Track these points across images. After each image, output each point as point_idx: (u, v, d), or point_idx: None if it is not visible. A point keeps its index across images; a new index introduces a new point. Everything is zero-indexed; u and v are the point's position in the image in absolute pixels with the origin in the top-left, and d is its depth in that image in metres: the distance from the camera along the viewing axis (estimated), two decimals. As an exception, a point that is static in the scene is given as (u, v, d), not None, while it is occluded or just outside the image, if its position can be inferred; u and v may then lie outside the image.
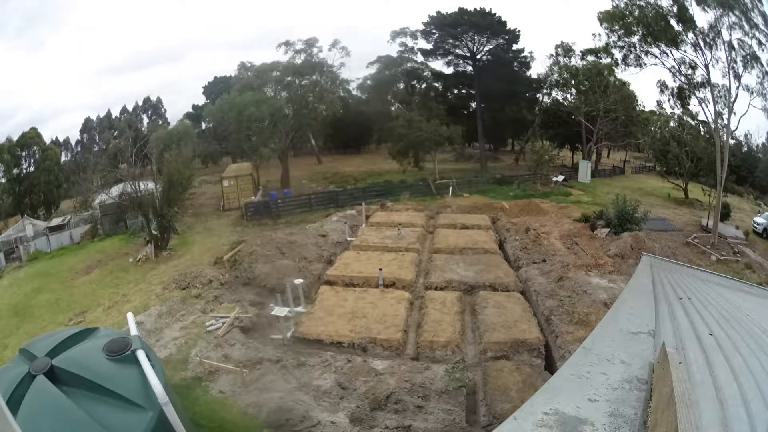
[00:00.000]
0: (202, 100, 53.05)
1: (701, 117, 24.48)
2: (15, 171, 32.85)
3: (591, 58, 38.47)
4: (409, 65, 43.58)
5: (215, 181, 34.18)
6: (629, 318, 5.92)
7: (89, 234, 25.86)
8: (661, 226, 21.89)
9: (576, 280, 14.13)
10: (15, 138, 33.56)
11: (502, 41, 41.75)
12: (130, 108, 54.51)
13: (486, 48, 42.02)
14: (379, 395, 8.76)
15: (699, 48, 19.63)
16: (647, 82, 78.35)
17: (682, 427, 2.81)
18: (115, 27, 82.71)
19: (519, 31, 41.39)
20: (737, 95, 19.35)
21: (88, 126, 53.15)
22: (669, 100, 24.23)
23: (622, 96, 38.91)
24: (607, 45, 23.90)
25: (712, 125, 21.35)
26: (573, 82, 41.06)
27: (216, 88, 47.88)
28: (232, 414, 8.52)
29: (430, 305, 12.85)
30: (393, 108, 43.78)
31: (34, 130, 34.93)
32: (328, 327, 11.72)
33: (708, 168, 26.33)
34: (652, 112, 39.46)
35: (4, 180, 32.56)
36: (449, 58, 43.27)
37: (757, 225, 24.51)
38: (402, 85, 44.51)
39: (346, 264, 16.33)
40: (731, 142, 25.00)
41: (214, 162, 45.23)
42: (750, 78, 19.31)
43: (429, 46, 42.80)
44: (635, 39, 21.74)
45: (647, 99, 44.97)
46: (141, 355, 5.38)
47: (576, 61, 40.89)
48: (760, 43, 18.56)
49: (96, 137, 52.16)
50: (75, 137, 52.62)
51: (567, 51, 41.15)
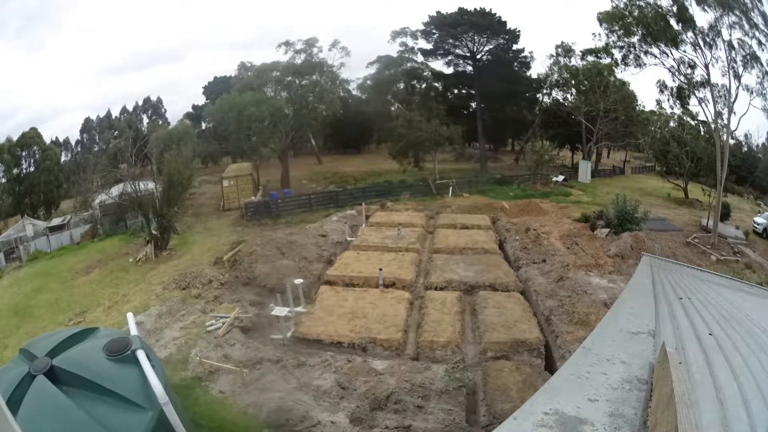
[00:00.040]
0: (202, 100, 53.17)
1: (701, 117, 24.50)
2: (15, 171, 32.86)
3: (591, 58, 38.47)
4: (409, 65, 43.59)
5: (215, 181, 34.18)
6: (629, 318, 5.92)
7: (89, 234, 25.86)
8: (661, 226, 21.89)
9: (576, 280, 14.14)
10: (15, 138, 33.62)
11: (502, 41, 41.76)
12: (130, 108, 54.59)
13: (486, 48, 42.06)
14: (379, 395, 8.76)
15: (699, 48, 19.64)
16: (647, 82, 78.36)
17: (682, 427, 2.81)
18: (115, 27, 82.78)
19: (519, 31, 41.51)
20: (737, 95, 19.38)
21: (88, 126, 53.16)
22: (669, 99, 24.23)
23: (622, 96, 38.90)
24: (607, 45, 23.90)
25: (712, 125, 21.36)
26: (573, 82, 41.07)
27: (216, 88, 47.89)
28: (232, 414, 8.52)
29: (430, 305, 12.85)
30: (393, 108, 43.78)
31: (34, 130, 34.95)
32: (328, 327, 11.72)
33: (708, 168, 26.34)
34: (652, 112, 39.44)
35: (4, 180, 32.57)
36: (449, 58, 43.31)
37: (757, 225, 24.51)
38: (402, 85, 44.52)
39: (346, 264, 16.33)
40: (731, 142, 24.99)
41: (214, 162, 45.23)
42: (750, 78, 19.34)
43: (429, 46, 42.90)
44: (635, 39, 21.75)
45: (647, 99, 44.99)
46: (141, 355, 5.38)
47: (576, 61, 40.97)
48: (760, 43, 18.57)
49: (96, 137, 52.17)
50: (75, 137, 52.78)
51: (567, 51, 41.18)
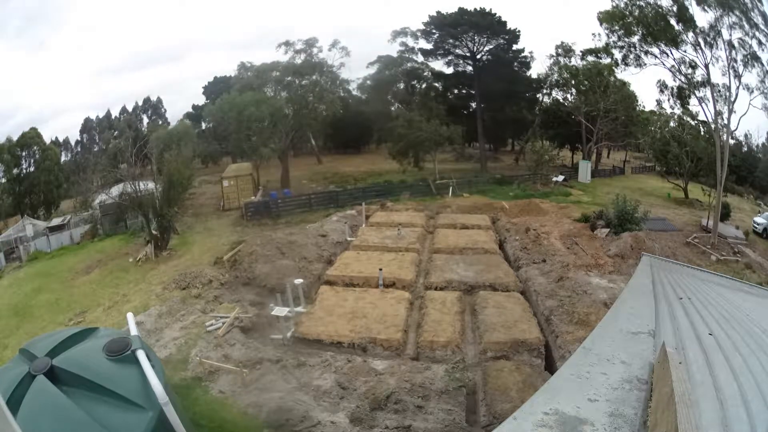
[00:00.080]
0: (202, 100, 53.19)
1: (701, 117, 24.49)
2: (15, 171, 32.87)
3: (591, 58, 38.47)
4: (409, 65, 43.57)
5: (215, 181, 34.18)
6: (629, 318, 5.92)
7: (89, 234, 25.86)
8: (661, 226, 21.89)
9: (576, 280, 14.14)
10: (15, 138, 33.63)
11: (502, 41, 41.75)
12: (130, 108, 54.61)
13: (486, 48, 42.04)
14: (379, 395, 8.76)
15: (699, 48, 19.65)
16: (647, 82, 78.34)
17: (682, 427, 2.81)
18: (115, 27, 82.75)
19: (519, 31, 41.49)
20: (737, 95, 19.39)
21: (88, 126, 53.18)
22: (669, 99, 24.25)
23: (622, 96, 38.90)
24: (607, 45, 23.90)
25: (712, 125, 21.36)
26: (573, 82, 41.06)
27: (216, 88, 47.90)
28: (232, 414, 8.52)
29: (430, 305, 12.85)
30: (393, 108, 43.77)
31: (34, 130, 34.96)
32: (328, 327, 11.72)
33: (708, 168, 26.34)
34: (652, 112, 39.43)
35: (4, 180, 32.58)
36: (449, 58, 43.29)
37: (757, 225, 24.51)
38: (402, 85, 44.51)
39: (346, 264, 16.33)
40: (731, 141, 25.00)
41: (214, 162, 45.24)
42: (750, 77, 19.36)
43: (429, 46, 42.88)
44: (635, 39, 21.75)
45: (647, 99, 45.01)
46: (141, 355, 5.38)
47: (576, 62, 40.96)
48: (760, 43, 18.57)
49: (96, 137, 52.18)
50: (75, 137, 52.80)
51: (567, 51, 41.17)
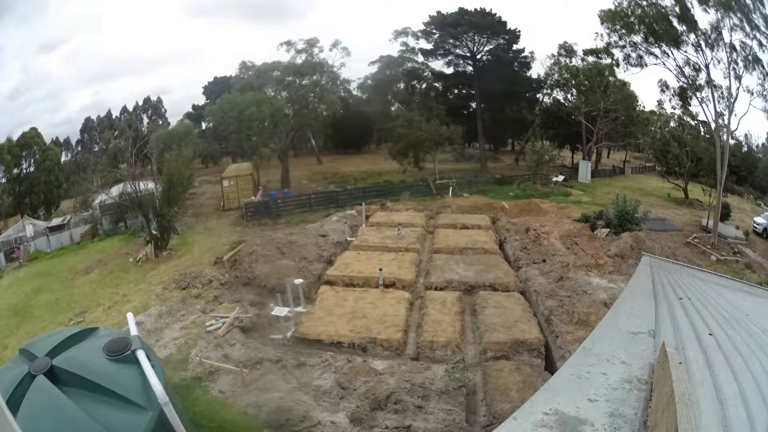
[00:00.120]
0: (202, 100, 53.21)
1: (701, 117, 24.52)
2: (15, 171, 32.88)
3: (591, 58, 38.53)
4: (410, 65, 43.58)
5: (215, 181, 34.20)
6: (629, 318, 5.91)
7: (89, 234, 25.86)
8: (661, 226, 21.89)
9: (576, 280, 14.13)
10: (15, 138, 33.65)
11: (502, 41, 41.74)
12: (130, 108, 54.64)
13: (486, 48, 42.04)
14: (379, 395, 8.76)
15: (700, 49, 19.67)
16: (647, 82, 78.43)
17: (682, 427, 2.81)
18: (116, 26, 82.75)
19: (519, 32, 41.48)
20: (737, 96, 19.41)
21: (88, 126, 53.20)
22: (670, 100, 24.30)
23: (622, 96, 38.89)
24: (609, 45, 23.93)
25: (712, 125, 21.37)
26: (573, 82, 41.06)
27: (216, 88, 47.91)
28: (232, 414, 8.52)
29: (430, 305, 12.85)
30: (393, 108, 43.80)
31: (34, 130, 34.99)
32: (328, 327, 11.72)
33: (708, 168, 26.35)
34: (652, 112, 39.48)
35: (4, 180, 32.58)
36: (449, 58, 43.27)
37: (757, 225, 24.51)
38: (402, 85, 44.52)
39: (346, 264, 16.32)
40: (731, 142, 25.02)
41: (214, 162, 45.24)
42: (751, 79, 19.37)
43: (429, 46, 42.87)
44: (637, 38, 21.77)
45: (647, 99, 45.06)
46: (141, 355, 5.37)
47: (577, 62, 40.98)
48: (761, 45, 18.58)
49: (96, 137, 52.19)
50: (75, 137, 52.83)
51: (569, 52, 41.18)
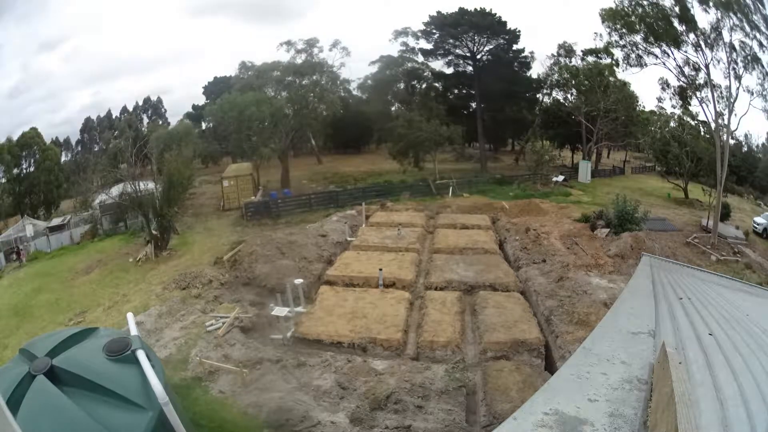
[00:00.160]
0: (202, 100, 53.20)
1: (701, 117, 24.54)
2: (15, 171, 32.89)
3: (591, 58, 38.54)
4: (410, 65, 43.58)
5: (215, 181, 34.20)
6: (629, 318, 5.91)
7: (89, 234, 25.86)
8: (661, 226, 21.88)
9: (576, 280, 14.13)
10: (15, 138, 33.65)
11: (502, 41, 41.74)
12: (130, 108, 54.63)
13: (486, 48, 42.04)
14: (379, 395, 8.76)
15: (700, 48, 19.67)
16: (647, 82, 78.44)
17: (682, 427, 2.81)
18: (116, 26, 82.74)
19: (519, 31, 41.49)
20: (737, 96, 19.42)
21: (88, 126, 53.20)
22: (671, 99, 24.33)
23: (622, 96, 38.89)
24: (609, 44, 23.95)
25: (712, 125, 21.38)
26: (573, 82, 41.06)
27: (216, 88, 47.90)
28: (232, 414, 8.52)
29: (430, 305, 12.85)
30: (393, 108, 43.81)
31: (34, 130, 34.99)
32: (328, 327, 11.72)
33: (708, 168, 26.36)
34: (652, 112, 39.47)
35: (4, 180, 32.59)
36: (449, 58, 43.26)
37: (757, 225, 24.51)
38: (402, 85, 44.52)
39: (346, 264, 16.32)
40: (731, 142, 25.03)
41: (214, 162, 45.24)
42: (751, 79, 19.38)
43: (429, 46, 42.87)
44: (637, 38, 21.78)
45: (647, 99, 45.03)
46: (141, 355, 5.37)
47: (576, 62, 40.98)
48: (761, 45, 18.59)
49: (96, 137, 52.19)
50: (75, 137, 52.82)
51: (569, 52, 41.19)
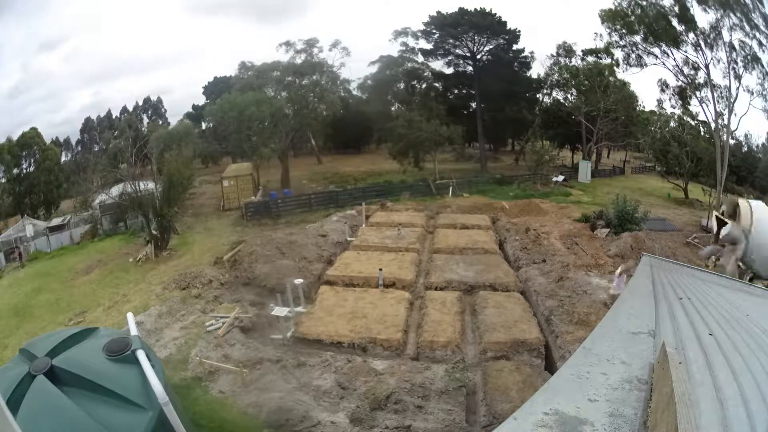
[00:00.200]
0: (202, 100, 53.21)
1: (701, 117, 24.55)
2: (15, 171, 32.90)
3: (591, 58, 38.56)
4: (410, 65, 43.58)
5: (215, 181, 34.21)
6: (629, 318, 5.91)
7: (89, 234, 25.87)
8: (661, 226, 21.88)
9: (576, 280, 14.12)
10: (15, 138, 33.65)
11: (502, 41, 41.76)
12: (130, 108, 54.65)
13: (486, 48, 42.06)
14: (379, 395, 8.75)
15: (700, 48, 19.72)
16: (647, 82, 78.35)
17: (682, 427, 2.81)
18: (116, 26, 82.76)
19: (519, 32, 41.51)
20: (737, 95, 19.45)
21: (88, 126, 53.21)
22: (670, 99, 24.34)
23: (622, 96, 38.92)
24: (609, 45, 23.98)
25: (712, 125, 21.40)
26: (573, 82, 41.08)
27: (216, 88, 47.93)
28: (232, 414, 8.51)
29: (430, 305, 12.85)
30: (393, 108, 43.78)
31: (34, 130, 35.01)
32: (328, 327, 11.71)
33: (708, 168, 26.38)
34: (652, 112, 39.53)
35: (4, 180, 32.60)
36: (449, 58, 43.29)
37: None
38: (402, 85, 44.53)
39: (346, 264, 16.32)
40: (731, 142, 25.04)
41: (214, 162, 45.25)
42: (750, 79, 19.41)
43: (429, 46, 42.90)
44: (637, 38, 21.82)
45: (647, 99, 45.12)
46: (141, 355, 5.37)
47: (576, 62, 41.01)
48: (760, 44, 18.62)
49: (96, 137, 52.21)
50: (75, 137, 52.85)
51: (568, 52, 41.20)
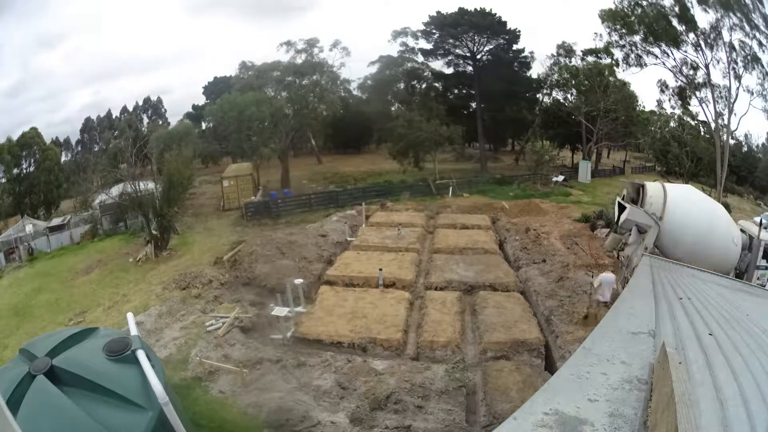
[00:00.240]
0: (202, 100, 53.20)
1: (701, 117, 24.55)
2: (15, 171, 32.90)
3: (591, 58, 38.57)
4: (410, 65, 43.58)
5: (215, 181, 34.20)
6: (629, 318, 5.92)
7: (89, 234, 25.87)
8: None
9: (576, 280, 14.11)
10: (15, 138, 33.65)
11: (502, 41, 41.76)
12: (130, 108, 54.63)
13: (486, 48, 42.06)
14: (379, 395, 8.75)
15: (700, 48, 19.73)
16: (647, 82, 78.34)
17: (682, 427, 2.81)
18: (116, 26, 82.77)
19: (519, 31, 41.51)
20: (737, 96, 19.45)
21: (88, 126, 53.20)
22: (669, 99, 24.34)
23: (622, 96, 38.91)
24: (608, 45, 23.99)
25: (712, 125, 21.40)
26: (573, 82, 41.09)
27: (216, 88, 47.90)
28: (232, 414, 8.51)
29: (430, 305, 12.85)
30: (393, 108, 43.78)
31: (34, 130, 35.01)
32: (328, 327, 11.71)
33: (708, 168, 26.39)
34: (652, 112, 39.55)
35: (4, 180, 32.61)
36: (449, 58, 43.28)
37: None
38: (402, 85, 44.52)
39: (346, 264, 16.32)
40: (731, 142, 25.05)
41: (214, 162, 45.22)
42: (750, 79, 19.42)
43: (429, 46, 42.89)
44: (637, 38, 21.83)
45: (647, 99, 45.13)
46: (141, 355, 5.37)
47: (576, 62, 41.02)
48: (760, 44, 18.62)
49: (96, 137, 52.20)
50: (75, 137, 52.84)
51: (568, 51, 41.21)
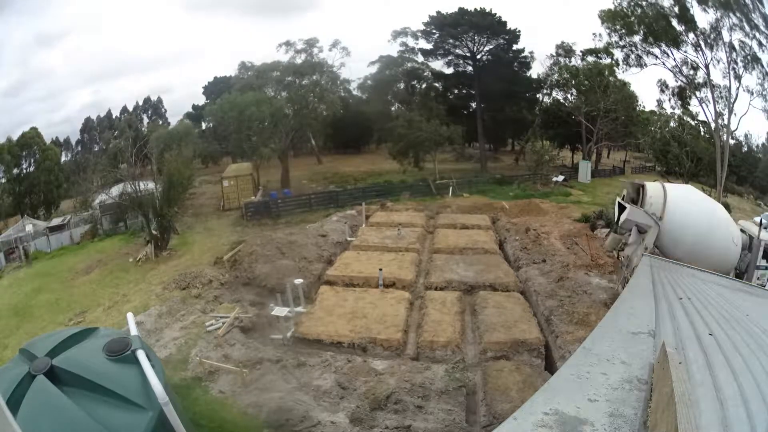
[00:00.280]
0: (202, 100, 53.20)
1: (701, 117, 24.56)
2: (15, 171, 32.91)
3: (591, 58, 38.58)
4: (410, 65, 43.59)
5: (215, 181, 34.20)
6: (629, 318, 5.91)
7: (89, 234, 25.87)
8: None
9: (576, 280, 14.11)
10: (15, 138, 33.66)
11: (502, 41, 41.77)
12: (130, 108, 54.63)
13: (486, 48, 42.08)
14: (379, 395, 8.75)
15: (699, 48, 19.74)
16: (647, 82, 78.36)
17: (682, 427, 2.81)
18: (116, 26, 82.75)
19: (519, 31, 41.54)
20: (737, 96, 19.46)
21: (88, 126, 53.20)
22: (669, 99, 24.35)
23: (622, 96, 38.92)
24: (608, 45, 23.99)
25: (712, 125, 21.41)
26: (573, 82, 41.09)
27: (216, 88, 47.90)
28: (232, 414, 8.51)
29: (430, 305, 12.85)
30: (393, 108, 43.80)
31: (34, 130, 35.01)
32: (328, 327, 11.71)
33: (708, 168, 26.40)
34: (652, 112, 39.56)
35: (4, 180, 32.61)
36: (449, 58, 43.30)
37: (758, 225, 24.44)
38: (402, 85, 44.53)
39: (346, 264, 16.32)
40: (731, 142, 25.05)
41: (214, 162, 45.23)
42: (750, 79, 19.42)
43: (429, 46, 42.91)
44: (636, 39, 21.83)
45: (647, 99, 45.14)
46: (141, 355, 5.36)
47: (576, 62, 41.03)
48: (760, 45, 18.62)
49: (96, 137, 52.20)
50: (75, 137, 52.84)
51: (568, 51, 41.21)
